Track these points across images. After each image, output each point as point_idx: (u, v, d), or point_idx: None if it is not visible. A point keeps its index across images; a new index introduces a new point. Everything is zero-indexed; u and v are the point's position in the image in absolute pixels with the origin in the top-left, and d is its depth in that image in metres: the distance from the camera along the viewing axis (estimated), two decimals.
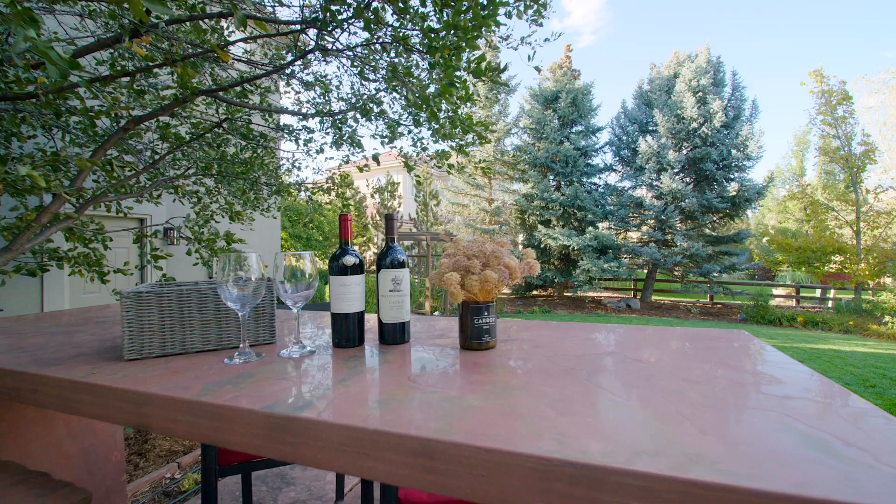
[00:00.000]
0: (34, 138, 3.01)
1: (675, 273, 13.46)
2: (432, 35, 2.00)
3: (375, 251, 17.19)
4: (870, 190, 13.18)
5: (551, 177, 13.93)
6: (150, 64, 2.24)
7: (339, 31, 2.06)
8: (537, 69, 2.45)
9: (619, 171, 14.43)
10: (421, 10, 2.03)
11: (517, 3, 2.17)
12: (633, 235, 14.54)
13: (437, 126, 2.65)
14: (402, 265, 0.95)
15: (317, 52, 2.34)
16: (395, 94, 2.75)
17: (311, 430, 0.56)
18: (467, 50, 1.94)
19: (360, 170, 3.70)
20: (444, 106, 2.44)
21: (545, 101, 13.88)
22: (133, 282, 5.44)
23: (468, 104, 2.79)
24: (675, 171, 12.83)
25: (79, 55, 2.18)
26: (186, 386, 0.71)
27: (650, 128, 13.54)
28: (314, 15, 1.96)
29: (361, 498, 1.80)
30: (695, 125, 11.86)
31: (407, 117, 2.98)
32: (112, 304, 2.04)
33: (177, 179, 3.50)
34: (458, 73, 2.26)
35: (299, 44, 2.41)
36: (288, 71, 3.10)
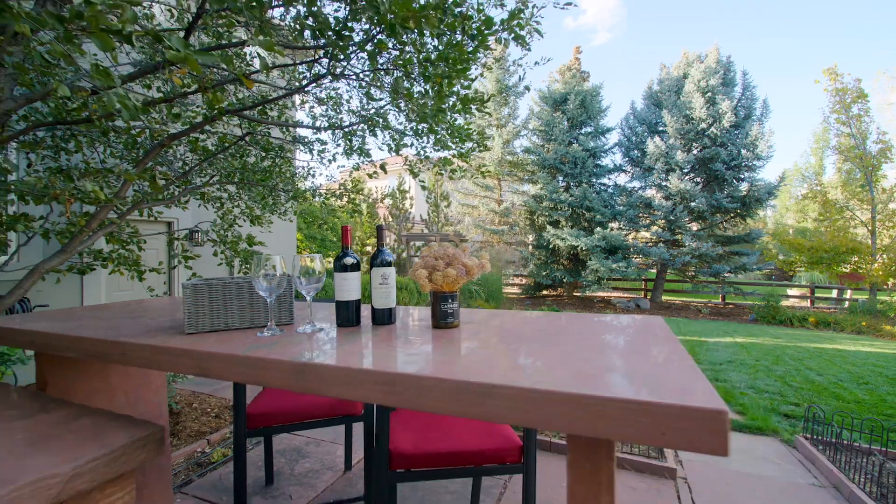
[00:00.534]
0: (79, 152, 3.39)
1: (689, 273, 13.45)
2: (427, 64, 2.29)
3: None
4: (885, 189, 12.98)
5: (560, 178, 14.08)
6: (187, 91, 2.57)
7: (346, 61, 2.37)
8: (527, 88, 2.71)
9: (629, 172, 14.51)
10: (419, 40, 2.32)
11: (505, 32, 2.44)
12: (644, 235, 14.59)
13: (435, 138, 2.94)
14: (389, 264, 1.24)
15: (328, 77, 2.66)
16: (397, 108, 3.04)
17: (320, 371, 0.86)
18: (458, 79, 2.22)
19: (370, 176, 4.01)
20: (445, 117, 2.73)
21: (554, 103, 14.05)
22: (163, 280, 5.88)
23: (465, 115, 3.07)
24: (685, 171, 12.86)
25: (125, 82, 2.53)
26: (233, 349, 1.01)
27: (660, 128, 13.59)
28: (327, 48, 2.26)
29: (364, 468, 2.10)
30: (703, 125, 11.90)
31: (410, 129, 3.28)
32: (146, 299, 2.37)
33: (203, 187, 3.87)
34: (455, 89, 2.56)
35: (313, 70, 2.73)
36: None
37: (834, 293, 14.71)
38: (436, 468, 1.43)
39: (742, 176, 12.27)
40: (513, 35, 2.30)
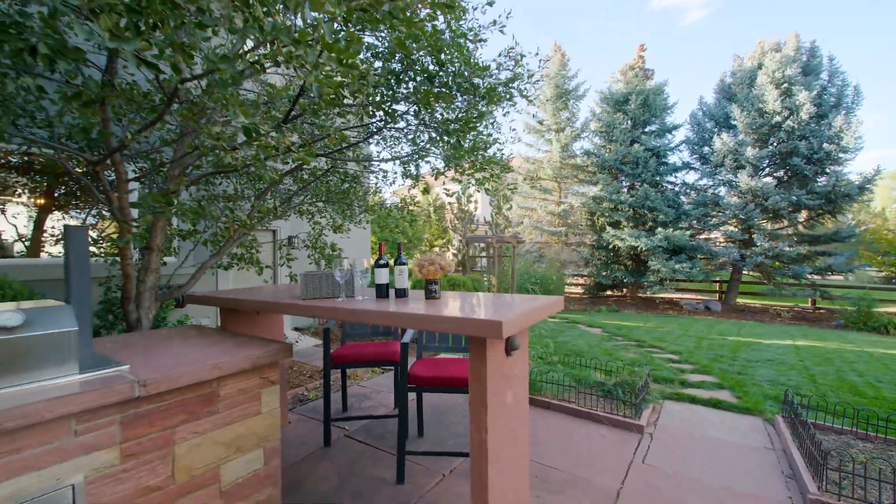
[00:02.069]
0: (221, 184, 4.80)
1: (774, 276, 12.63)
2: (449, 122, 3.25)
3: (454, 252, 18.71)
4: None
5: (622, 178, 14.07)
6: (292, 147, 3.80)
7: (394, 123, 3.42)
8: (537, 121, 3.48)
9: (698, 170, 14.01)
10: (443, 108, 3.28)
11: (503, 88, 3.31)
12: (714, 236, 14.01)
13: (463, 168, 3.90)
14: (405, 264, 2.22)
15: (384, 129, 3.74)
16: (435, 146, 4.04)
17: (364, 312, 1.86)
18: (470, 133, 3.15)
19: (423, 192, 5.06)
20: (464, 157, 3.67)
21: (615, 104, 14.09)
22: (269, 274, 7.52)
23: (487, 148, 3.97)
24: (761, 168, 12.22)
25: (268, 157, 3.79)
26: (325, 304, 2.07)
27: (732, 123, 12.99)
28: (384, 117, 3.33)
29: (396, 399, 3.11)
30: (778, 119, 11.25)
31: (446, 159, 4.25)
32: (262, 286, 3.59)
33: (300, 204, 5.20)
34: (470, 136, 3.49)
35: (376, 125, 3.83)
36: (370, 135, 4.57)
37: None
38: (433, 385, 2.38)
39: (827, 170, 11.36)
40: (509, 96, 3.17)
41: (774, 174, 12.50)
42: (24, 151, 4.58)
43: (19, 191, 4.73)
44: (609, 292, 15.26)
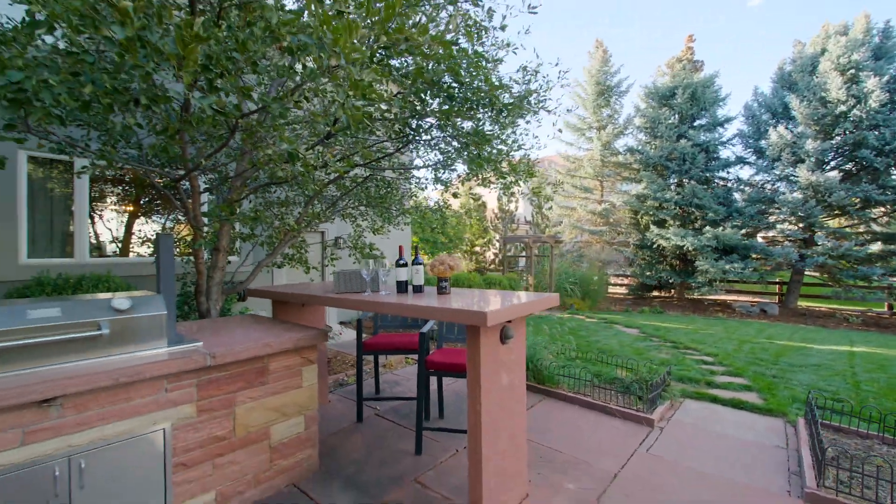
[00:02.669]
0: (275, 192, 5.39)
1: (840, 278, 11.66)
2: (468, 136, 3.56)
3: (495, 251, 18.91)
4: None
5: (669, 175, 13.58)
6: (331, 160, 4.29)
7: (421, 137, 3.78)
8: (559, 130, 3.69)
9: (753, 164, 13.22)
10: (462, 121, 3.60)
11: (519, 102, 3.57)
12: (771, 234, 13.16)
13: (485, 176, 4.19)
14: (420, 264, 2.57)
15: (414, 141, 4.12)
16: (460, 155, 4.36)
17: (387, 305, 2.24)
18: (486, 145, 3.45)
19: (455, 196, 5.41)
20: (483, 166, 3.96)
21: (661, 98, 13.63)
22: (318, 272, 8.20)
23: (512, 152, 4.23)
24: (826, 161, 11.36)
25: (316, 167, 4.31)
26: (353, 297, 2.47)
27: (791, 113, 12.15)
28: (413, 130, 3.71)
29: (417, 383, 3.47)
30: (843, 108, 10.41)
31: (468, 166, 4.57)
32: (311, 283, 4.07)
33: (344, 209, 5.72)
34: (488, 148, 3.78)
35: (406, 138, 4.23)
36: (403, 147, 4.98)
37: None
38: (447, 370, 2.72)
39: None
40: (524, 111, 3.43)
41: (841, 168, 11.56)
42: (118, 167, 5.44)
43: (114, 199, 5.62)
44: (654, 293, 14.77)
